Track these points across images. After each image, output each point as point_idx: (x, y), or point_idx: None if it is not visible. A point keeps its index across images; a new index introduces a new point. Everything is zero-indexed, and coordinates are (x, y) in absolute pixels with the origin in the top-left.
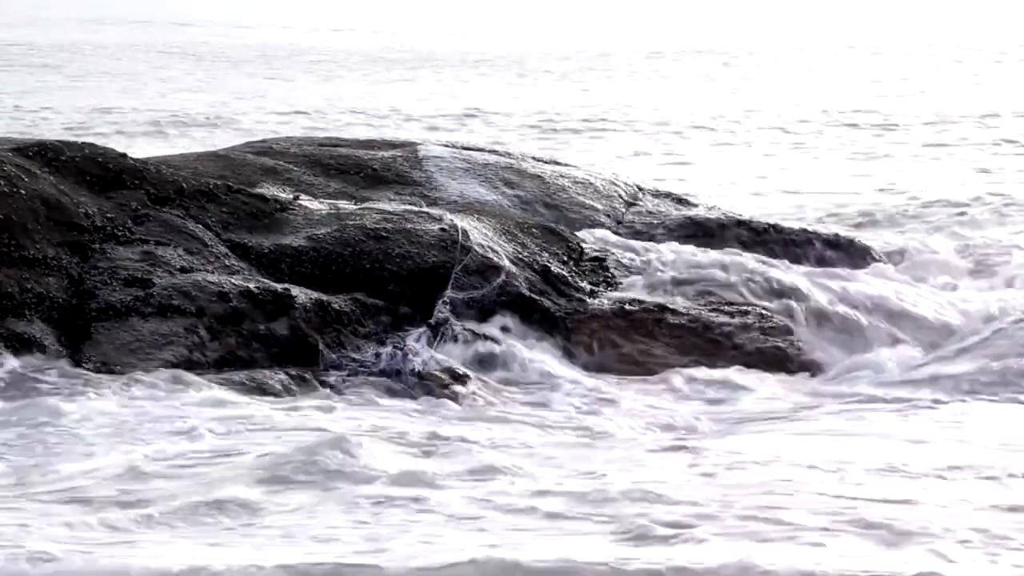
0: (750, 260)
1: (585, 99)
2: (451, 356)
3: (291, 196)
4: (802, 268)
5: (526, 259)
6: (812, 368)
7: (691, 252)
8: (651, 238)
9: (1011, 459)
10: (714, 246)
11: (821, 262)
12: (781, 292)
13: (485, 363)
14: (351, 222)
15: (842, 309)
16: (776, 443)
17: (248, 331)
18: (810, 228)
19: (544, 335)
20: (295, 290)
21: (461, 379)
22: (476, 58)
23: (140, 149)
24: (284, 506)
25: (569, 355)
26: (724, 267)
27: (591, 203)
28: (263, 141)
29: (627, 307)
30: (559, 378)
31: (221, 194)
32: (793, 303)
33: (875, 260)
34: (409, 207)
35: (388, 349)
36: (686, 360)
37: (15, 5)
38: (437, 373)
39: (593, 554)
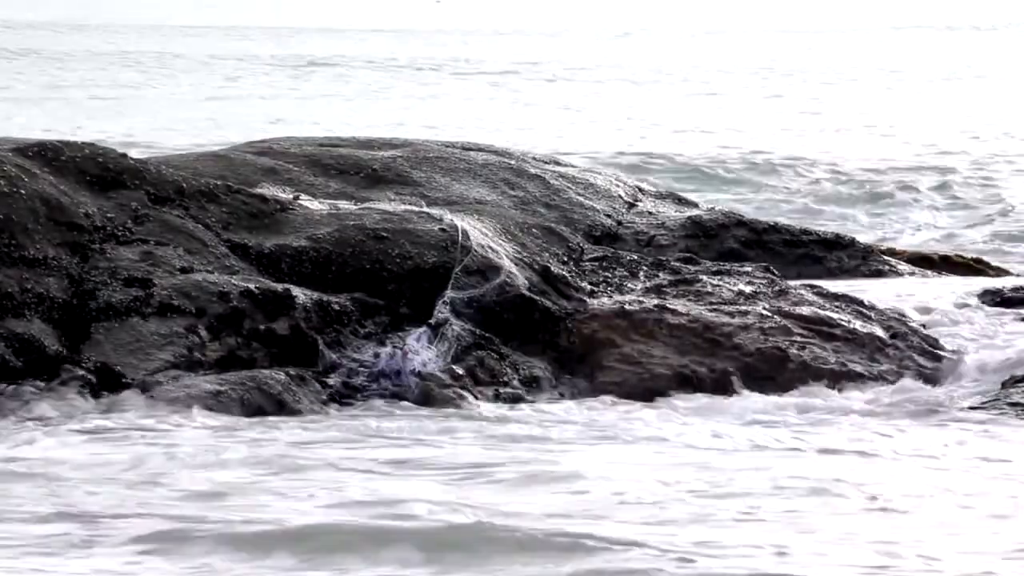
0: None
1: None
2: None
3: (291, 196)
4: None
5: (526, 259)
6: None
7: None
8: (652, 239)
9: None
10: (714, 247)
11: (821, 262)
12: None
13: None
14: (351, 222)
15: None
16: None
17: (248, 331)
18: (811, 228)
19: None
20: (295, 290)
21: (461, 379)
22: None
23: None
24: None
25: (566, 356)
26: None
27: (592, 203)
28: (263, 141)
29: (627, 307)
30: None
31: (221, 194)
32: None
33: (878, 259)
34: (409, 207)
35: (388, 349)
36: (686, 360)
37: None
38: (437, 373)
39: None
